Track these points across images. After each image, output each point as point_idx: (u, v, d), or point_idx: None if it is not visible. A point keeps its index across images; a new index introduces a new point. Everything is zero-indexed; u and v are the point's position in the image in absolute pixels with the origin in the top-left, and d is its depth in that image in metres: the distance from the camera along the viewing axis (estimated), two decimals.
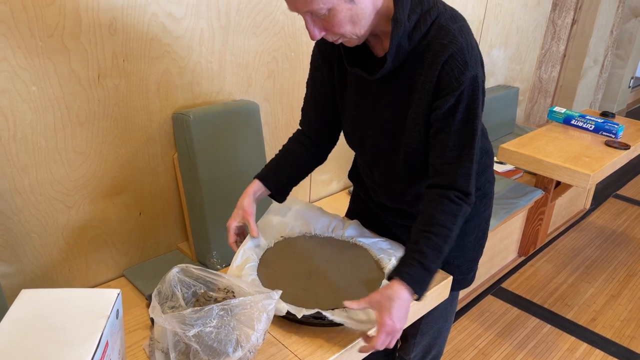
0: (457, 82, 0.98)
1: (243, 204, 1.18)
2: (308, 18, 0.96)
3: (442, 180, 1.05)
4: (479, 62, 1.02)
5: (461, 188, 1.03)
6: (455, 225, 1.02)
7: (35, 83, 1.35)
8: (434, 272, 1.01)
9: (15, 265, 1.48)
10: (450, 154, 1.03)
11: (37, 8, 1.29)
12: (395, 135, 1.11)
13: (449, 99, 1.00)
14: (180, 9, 1.57)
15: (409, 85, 1.05)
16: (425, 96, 1.03)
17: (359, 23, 0.97)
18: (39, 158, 1.42)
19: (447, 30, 0.99)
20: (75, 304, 0.83)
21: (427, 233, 1.01)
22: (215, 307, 0.88)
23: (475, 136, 1.02)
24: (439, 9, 1.01)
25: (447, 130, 1.02)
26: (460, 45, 0.98)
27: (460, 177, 1.03)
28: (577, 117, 2.62)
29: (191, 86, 1.70)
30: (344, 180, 2.51)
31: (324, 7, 0.92)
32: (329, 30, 0.98)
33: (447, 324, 1.43)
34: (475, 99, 1.01)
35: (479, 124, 1.04)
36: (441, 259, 1.01)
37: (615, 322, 2.37)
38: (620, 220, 3.32)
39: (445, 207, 1.02)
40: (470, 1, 2.77)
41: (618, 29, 4.42)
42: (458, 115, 1.01)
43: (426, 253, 0.99)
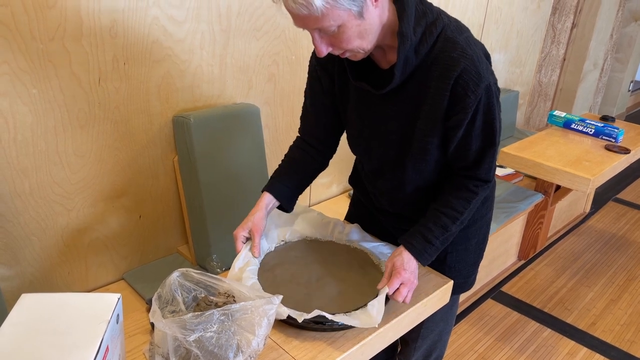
0: (474, 94, 0.99)
1: (254, 218, 1.17)
2: (316, 35, 0.96)
3: (464, 172, 1.12)
4: (489, 68, 1.02)
5: (482, 178, 1.11)
6: (467, 209, 1.12)
7: (35, 86, 1.35)
8: (437, 246, 1.12)
9: (15, 268, 1.47)
10: (472, 157, 1.09)
11: (38, 11, 1.29)
12: (401, 145, 1.12)
13: (467, 112, 1.01)
14: (181, 12, 1.57)
15: (416, 98, 1.05)
16: (437, 109, 1.03)
17: (366, 38, 0.97)
18: (39, 161, 1.42)
19: (454, 42, 0.99)
20: (76, 308, 0.83)
21: (438, 212, 1.12)
22: (216, 312, 0.88)
23: (495, 135, 1.07)
24: (444, 20, 1.01)
25: (469, 139, 1.06)
26: (471, 57, 0.98)
27: (482, 171, 1.11)
28: (577, 121, 2.62)
29: (192, 89, 1.70)
30: (344, 184, 2.51)
31: (334, 24, 0.91)
32: (336, 46, 0.97)
33: (447, 327, 1.43)
34: (491, 105, 1.03)
35: (498, 123, 1.07)
36: (447, 237, 1.12)
37: (615, 326, 2.37)
38: (620, 224, 3.32)
39: (461, 194, 1.12)
40: (470, 5, 2.77)
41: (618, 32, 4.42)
42: (477, 124, 1.04)
43: (432, 229, 1.11)
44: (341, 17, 0.91)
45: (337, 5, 0.88)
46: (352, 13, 0.91)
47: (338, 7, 0.89)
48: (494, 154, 1.09)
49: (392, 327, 1.09)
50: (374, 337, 1.05)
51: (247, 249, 1.16)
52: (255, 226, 1.16)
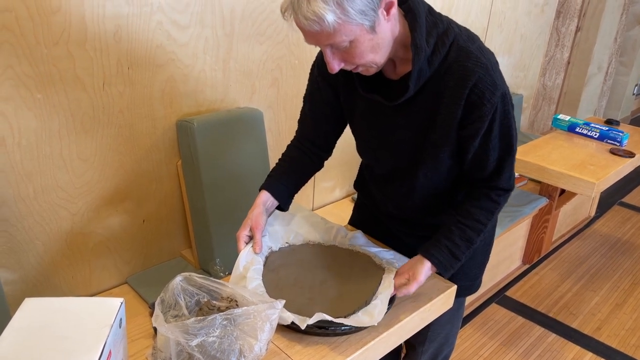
0: (490, 103, 0.99)
1: (253, 215, 1.17)
2: (328, 51, 0.95)
3: (485, 183, 1.11)
4: (502, 77, 1.02)
5: (503, 187, 1.11)
6: (490, 220, 1.11)
7: (40, 90, 1.36)
8: (462, 261, 1.12)
9: (19, 272, 1.48)
10: (491, 167, 1.08)
11: (42, 16, 1.30)
12: (413, 155, 1.12)
13: (484, 121, 1.01)
14: (184, 17, 1.58)
15: (429, 108, 1.04)
16: (451, 119, 1.02)
17: (379, 52, 0.96)
18: (43, 165, 1.43)
19: (468, 51, 0.98)
20: (79, 313, 0.83)
21: (462, 225, 1.10)
22: (219, 317, 0.88)
23: (513, 144, 1.06)
24: (455, 30, 1.00)
25: (486, 149, 1.05)
26: (485, 66, 0.97)
27: (502, 180, 1.10)
28: (581, 125, 2.61)
29: (195, 94, 1.71)
30: (347, 188, 2.51)
31: (346, 39, 0.90)
32: (349, 61, 0.96)
33: (454, 329, 1.43)
34: (507, 112, 1.03)
35: (514, 130, 1.06)
36: (471, 249, 1.12)
37: (620, 331, 2.35)
38: (625, 228, 3.30)
39: (483, 204, 1.11)
40: (473, 9, 2.77)
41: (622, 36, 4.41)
42: (494, 133, 1.03)
43: (459, 244, 1.10)
44: (353, 32, 0.89)
45: (349, 20, 0.87)
46: (365, 28, 0.90)
47: (350, 22, 0.87)
48: (512, 161, 1.08)
49: (395, 332, 1.09)
50: (377, 342, 1.04)
51: (249, 247, 1.17)
52: (254, 223, 1.17)
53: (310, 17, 0.86)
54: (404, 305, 1.14)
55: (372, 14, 0.89)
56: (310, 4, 0.85)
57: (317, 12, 0.85)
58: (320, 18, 0.86)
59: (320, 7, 0.85)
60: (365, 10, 0.87)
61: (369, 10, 0.88)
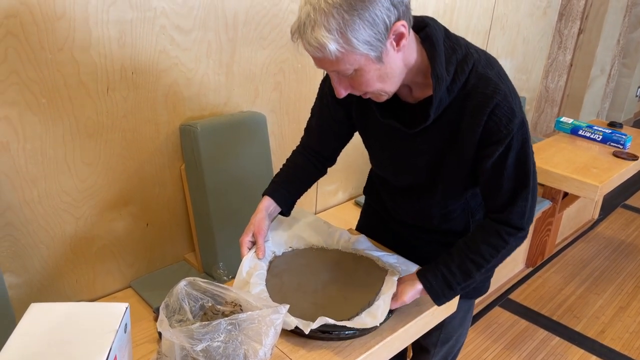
0: (507, 130, 0.96)
1: (255, 220, 1.18)
2: (335, 76, 0.94)
3: (496, 215, 1.07)
4: (521, 105, 1.00)
5: (514, 224, 1.05)
6: (495, 258, 1.06)
7: (44, 95, 1.36)
8: (457, 292, 1.09)
9: (24, 276, 1.48)
10: (504, 197, 1.04)
11: (47, 22, 1.31)
12: (430, 174, 1.11)
13: (499, 147, 0.98)
14: (188, 22, 1.58)
15: (447, 133, 1.03)
16: (470, 145, 1.01)
17: (388, 81, 0.94)
18: (47, 169, 1.43)
19: (487, 78, 0.96)
20: (84, 318, 0.83)
21: (465, 257, 1.07)
22: (223, 322, 0.88)
23: (529, 176, 1.02)
24: (474, 55, 0.98)
25: (500, 176, 1.02)
26: (504, 93, 0.95)
27: (514, 216, 1.04)
28: (584, 128, 2.61)
29: (198, 98, 1.71)
30: (350, 191, 2.51)
31: (351, 67, 0.89)
32: (356, 88, 0.95)
33: (465, 331, 1.43)
34: (525, 142, 1.00)
35: (532, 164, 1.02)
36: (469, 283, 1.08)
37: (624, 334, 2.34)
38: (629, 230, 3.29)
39: (492, 240, 1.06)
40: (475, 12, 2.77)
41: (625, 38, 4.41)
42: (510, 161, 1.00)
43: (455, 273, 1.07)
44: (357, 61, 0.88)
45: (352, 50, 0.86)
46: (370, 57, 0.88)
47: (354, 51, 0.86)
48: (527, 197, 1.03)
49: (399, 336, 1.09)
50: (381, 346, 1.04)
51: (252, 252, 1.17)
52: (257, 228, 1.17)
53: (314, 44, 0.85)
54: (407, 310, 1.14)
55: (379, 44, 0.86)
56: (314, 31, 0.84)
57: (319, 40, 0.84)
58: (323, 46, 0.85)
59: (323, 36, 0.84)
60: (371, 41, 0.85)
61: (375, 41, 0.86)
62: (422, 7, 2.40)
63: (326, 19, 0.83)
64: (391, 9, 0.84)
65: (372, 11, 0.83)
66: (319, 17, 0.83)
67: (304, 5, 0.86)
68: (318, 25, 0.84)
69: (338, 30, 0.83)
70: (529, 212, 1.05)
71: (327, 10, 0.83)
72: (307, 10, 0.85)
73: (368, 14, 0.83)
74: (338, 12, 0.83)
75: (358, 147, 1.27)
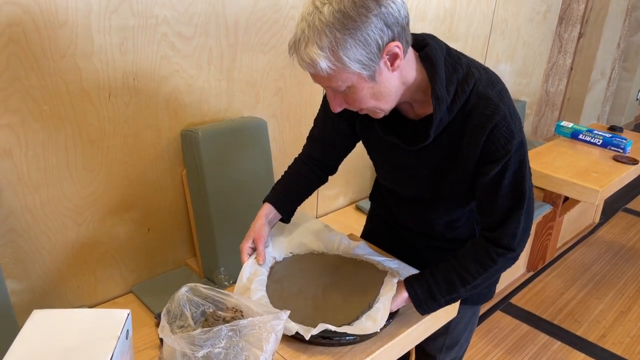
0: (504, 150, 0.97)
1: (255, 227, 1.18)
2: (329, 92, 0.95)
3: (489, 234, 1.07)
4: (521, 125, 1.00)
5: (505, 245, 1.05)
6: (482, 277, 1.07)
7: (47, 102, 1.37)
8: (441, 303, 1.09)
9: (26, 282, 1.49)
10: (498, 215, 1.04)
11: (49, 29, 1.32)
12: (432, 189, 1.12)
13: (496, 166, 0.98)
14: (189, 28, 1.59)
15: (448, 151, 1.03)
16: (470, 163, 1.01)
17: (383, 99, 0.94)
18: (49, 176, 1.44)
19: (487, 98, 0.96)
20: (86, 324, 0.84)
21: (452, 271, 1.08)
22: (224, 328, 0.89)
23: (524, 198, 1.02)
24: (475, 75, 0.98)
25: (495, 195, 1.02)
26: (504, 113, 0.96)
27: (505, 237, 1.04)
28: (584, 132, 2.62)
29: (200, 104, 1.72)
30: (351, 195, 2.52)
31: (343, 84, 0.90)
32: (350, 104, 0.96)
33: (469, 336, 1.44)
34: (523, 163, 1.00)
35: (528, 186, 1.02)
36: (454, 296, 1.09)
37: (625, 338, 2.34)
38: (630, 234, 3.29)
39: (481, 257, 1.06)
40: (475, 17, 2.78)
41: (625, 41, 4.42)
42: (506, 181, 1.00)
43: (440, 285, 1.08)
44: (350, 79, 0.89)
45: (344, 68, 0.86)
46: (363, 76, 0.88)
47: (345, 70, 0.87)
48: (520, 219, 1.03)
49: (399, 342, 1.09)
50: (382, 352, 1.05)
51: (253, 258, 1.18)
52: (257, 234, 1.18)
53: (306, 60, 0.87)
54: (408, 315, 1.14)
55: (372, 64, 0.87)
56: (307, 48, 0.86)
57: (312, 57, 0.86)
58: (315, 63, 0.86)
59: (315, 53, 0.85)
60: (363, 60, 0.86)
61: (367, 61, 0.86)
62: (421, 12, 2.41)
63: (319, 37, 0.84)
64: (385, 29, 0.85)
65: (364, 31, 0.84)
66: (312, 34, 0.85)
67: (300, 22, 0.87)
68: (311, 42, 0.85)
69: (330, 48, 0.84)
70: (522, 234, 1.04)
71: (320, 28, 0.84)
72: (303, 26, 0.86)
73: (360, 33, 0.84)
74: (330, 31, 0.84)
75: (359, 151, 1.28)
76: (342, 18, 0.83)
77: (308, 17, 0.86)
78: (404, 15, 0.88)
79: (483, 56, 3.00)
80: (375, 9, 0.83)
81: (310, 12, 0.86)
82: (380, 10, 0.84)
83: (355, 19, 0.83)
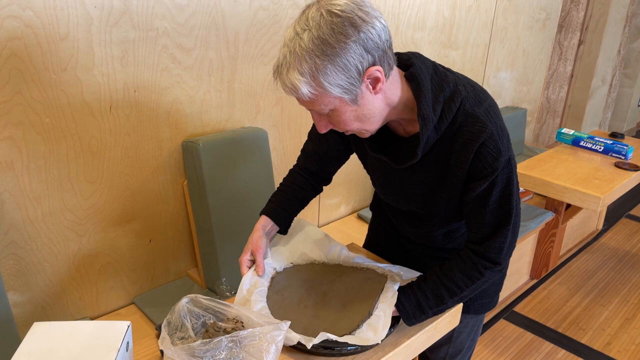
0: (492, 168, 0.97)
1: (253, 239, 1.19)
2: (314, 114, 0.96)
3: (475, 247, 1.07)
4: (509, 142, 1.00)
5: (491, 259, 1.06)
6: (469, 288, 1.07)
7: (48, 115, 1.38)
8: (429, 315, 1.10)
9: (27, 294, 1.49)
10: (485, 230, 1.05)
11: (51, 43, 1.33)
12: (426, 204, 1.12)
13: (483, 183, 0.99)
14: (189, 40, 1.61)
15: (438, 167, 1.04)
16: (458, 180, 1.02)
17: (367, 121, 0.95)
18: (51, 188, 1.45)
19: (475, 117, 0.97)
20: (86, 336, 0.84)
21: (439, 282, 1.08)
22: (224, 339, 0.89)
23: (511, 214, 1.02)
24: (462, 93, 0.98)
25: (482, 211, 1.03)
26: (491, 132, 0.96)
27: (492, 250, 1.05)
28: (585, 139, 2.61)
29: (200, 115, 1.73)
30: (352, 204, 2.52)
31: (326, 108, 0.91)
32: (335, 126, 0.97)
33: (473, 344, 1.43)
34: (510, 181, 1.01)
35: (515, 202, 1.03)
36: (441, 307, 1.09)
37: (630, 345, 2.32)
38: (634, 241, 3.28)
39: (467, 270, 1.07)
40: (475, 26, 2.80)
41: (625, 48, 4.43)
42: (493, 197, 1.01)
43: (428, 297, 1.08)
44: (332, 102, 0.89)
45: (325, 93, 0.87)
46: (345, 100, 0.89)
47: (327, 94, 0.88)
48: (507, 234, 1.03)
49: (402, 351, 1.09)
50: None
51: (252, 270, 1.18)
52: (255, 246, 1.18)
53: (288, 85, 0.88)
54: None
55: (353, 88, 0.88)
56: (288, 73, 0.87)
57: (293, 82, 0.87)
58: (296, 88, 0.87)
59: (296, 78, 0.86)
60: (344, 85, 0.87)
61: (348, 85, 0.87)
62: (421, 21, 2.42)
63: (299, 63, 0.85)
64: (364, 55, 0.86)
65: (343, 57, 0.84)
66: (293, 60, 0.86)
67: (283, 47, 0.89)
68: (292, 68, 0.86)
69: (310, 74, 0.86)
70: (508, 248, 1.05)
71: (301, 54, 0.85)
72: (284, 52, 0.88)
73: (339, 59, 0.84)
74: (310, 57, 0.85)
75: (359, 161, 1.28)
76: (321, 44, 0.84)
77: (289, 43, 0.87)
78: (384, 39, 0.88)
79: (483, 64, 3.01)
80: (354, 35, 0.84)
81: (292, 38, 0.87)
82: (359, 36, 0.84)
83: (334, 45, 0.84)
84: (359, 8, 0.86)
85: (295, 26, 0.87)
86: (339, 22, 0.84)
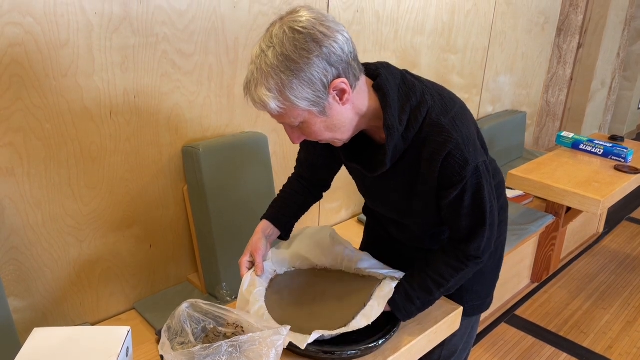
0: (460, 176, 0.99)
1: (252, 241, 1.21)
2: (286, 127, 0.98)
3: (457, 244, 1.11)
4: (477, 149, 1.02)
5: (471, 254, 1.10)
6: (454, 279, 1.11)
7: (49, 121, 1.39)
8: (418, 306, 1.13)
9: (28, 300, 1.49)
10: (462, 232, 1.08)
11: (51, 50, 1.34)
12: (404, 209, 1.14)
13: (454, 191, 1.02)
14: (189, 46, 1.61)
15: (409, 175, 1.06)
16: (430, 188, 1.05)
17: (338, 131, 0.97)
18: (51, 194, 1.45)
19: (440, 126, 0.99)
20: (86, 342, 0.84)
21: (425, 275, 1.12)
22: (224, 344, 0.89)
23: (486, 217, 1.05)
24: (428, 102, 1.00)
25: (457, 215, 1.06)
26: (456, 142, 0.98)
27: (472, 248, 1.09)
28: (585, 142, 2.62)
29: (200, 120, 1.73)
30: (353, 208, 2.52)
31: (295, 120, 0.93)
32: (307, 137, 0.99)
33: (467, 346, 1.43)
34: (480, 186, 1.02)
35: (489, 204, 1.05)
36: (430, 299, 1.13)
37: (632, 349, 2.32)
38: (635, 244, 3.27)
39: (452, 262, 1.11)
40: (474, 30, 2.81)
41: (625, 51, 4.44)
42: (465, 203, 1.03)
43: (415, 289, 1.12)
44: (301, 115, 0.92)
45: (293, 107, 0.90)
46: (313, 112, 0.91)
47: (295, 108, 0.90)
48: (484, 234, 1.07)
49: (402, 355, 1.09)
50: None
51: (252, 271, 1.19)
52: (254, 248, 1.20)
53: (257, 100, 0.90)
54: (409, 328, 1.14)
55: (320, 100, 0.90)
56: (257, 89, 0.89)
57: (261, 98, 0.89)
58: (265, 103, 0.90)
59: (264, 94, 0.89)
60: (310, 98, 0.89)
61: (315, 98, 0.89)
62: (420, 26, 2.43)
63: (266, 79, 0.88)
64: (328, 69, 0.88)
65: (307, 72, 0.87)
66: (260, 76, 0.89)
67: (250, 64, 0.91)
68: (260, 84, 0.89)
69: (277, 89, 0.88)
70: (486, 245, 1.09)
71: (267, 71, 0.88)
72: (252, 69, 0.90)
73: (304, 74, 0.87)
74: (276, 73, 0.87)
75: None
76: (285, 61, 0.86)
77: (256, 60, 0.89)
78: (348, 51, 0.90)
79: (482, 68, 3.02)
80: (316, 50, 0.86)
81: (258, 55, 0.89)
82: (321, 51, 0.87)
83: (297, 61, 0.86)
84: (321, 23, 0.88)
85: (261, 43, 0.90)
86: (301, 39, 0.86)
